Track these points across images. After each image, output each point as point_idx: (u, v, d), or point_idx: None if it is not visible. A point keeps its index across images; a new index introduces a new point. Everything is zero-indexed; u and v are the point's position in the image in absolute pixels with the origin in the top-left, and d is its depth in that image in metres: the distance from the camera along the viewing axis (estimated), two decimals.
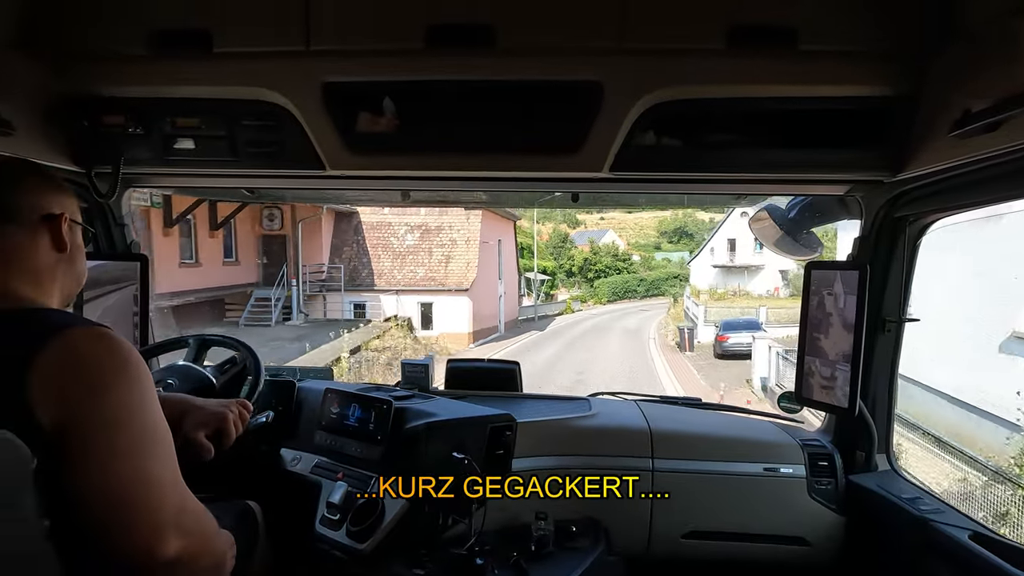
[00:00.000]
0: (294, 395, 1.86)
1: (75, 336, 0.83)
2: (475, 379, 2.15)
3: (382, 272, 22.38)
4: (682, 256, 53.96)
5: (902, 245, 1.64)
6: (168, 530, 0.81)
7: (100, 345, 0.84)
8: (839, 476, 1.78)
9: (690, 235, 57.96)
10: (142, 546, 0.80)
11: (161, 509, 0.82)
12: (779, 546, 1.79)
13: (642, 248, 58.37)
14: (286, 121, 1.35)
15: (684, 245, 57.45)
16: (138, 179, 1.67)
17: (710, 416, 2.15)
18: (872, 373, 1.73)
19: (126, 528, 0.80)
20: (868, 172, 1.39)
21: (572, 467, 1.80)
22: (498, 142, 1.38)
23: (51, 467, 0.78)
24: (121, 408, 0.83)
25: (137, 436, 0.84)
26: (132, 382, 0.85)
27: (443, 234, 22.77)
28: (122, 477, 0.81)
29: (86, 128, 1.39)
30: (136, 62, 1.32)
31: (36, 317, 0.86)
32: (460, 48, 1.26)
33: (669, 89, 1.27)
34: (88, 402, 0.81)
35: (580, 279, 50.72)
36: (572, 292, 47.38)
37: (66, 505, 0.79)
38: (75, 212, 1.02)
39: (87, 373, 0.81)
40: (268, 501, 1.53)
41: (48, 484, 0.77)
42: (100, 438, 0.81)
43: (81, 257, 1.04)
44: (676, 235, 60.15)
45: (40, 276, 0.95)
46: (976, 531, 1.40)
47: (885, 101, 1.26)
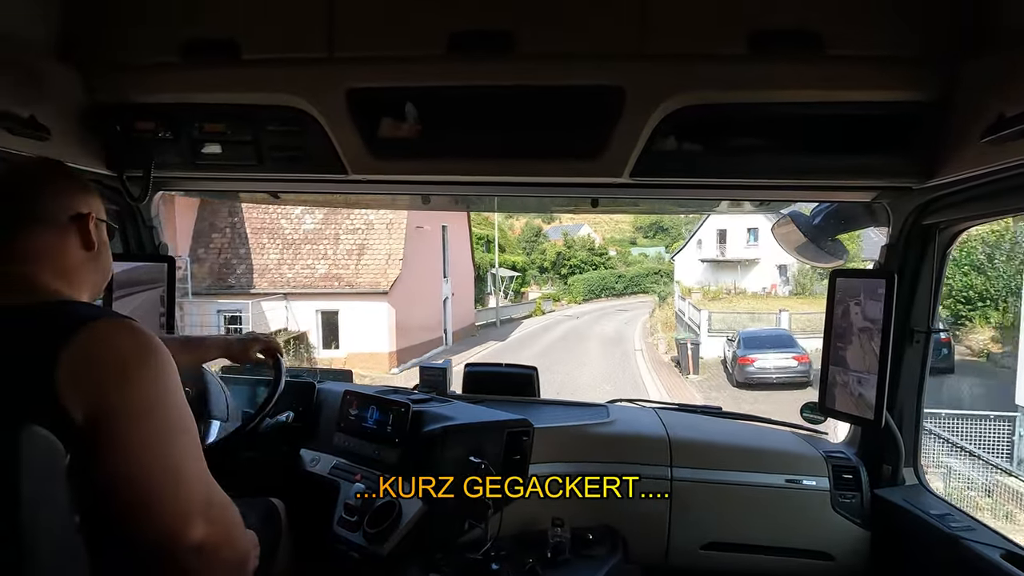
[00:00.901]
0: (314, 396, 1.88)
1: (101, 328, 0.84)
2: (493, 383, 2.16)
3: (267, 268, 16.09)
4: (659, 251, 49.10)
5: (931, 253, 1.59)
6: (193, 517, 0.83)
7: (125, 336, 0.86)
8: (864, 490, 1.73)
9: (665, 230, 53.02)
10: (167, 531, 0.82)
11: (186, 497, 0.84)
12: (802, 560, 1.75)
13: (617, 243, 52.66)
14: (310, 126, 1.37)
15: (660, 240, 51.88)
16: (167, 183, 1.72)
17: (730, 425, 2.11)
18: (900, 384, 1.69)
19: (152, 514, 0.82)
20: (896, 179, 1.36)
21: (589, 474, 1.78)
22: (518, 147, 1.38)
23: (82, 460, 0.79)
24: (146, 398, 0.85)
25: (162, 425, 0.86)
26: (158, 372, 0.87)
27: (355, 216, 16.38)
28: (148, 465, 0.83)
29: (119, 133, 1.43)
30: (167, 70, 1.36)
31: (64, 310, 0.89)
32: (481, 54, 1.27)
33: (690, 94, 1.26)
34: (115, 393, 0.82)
35: (553, 275, 45.62)
36: (545, 290, 42.77)
37: (94, 497, 0.81)
38: (100, 211, 1.04)
39: (113, 364, 0.83)
40: (288, 501, 1.55)
41: (79, 478, 0.79)
42: (127, 428, 0.83)
43: (107, 253, 1.06)
44: (651, 230, 54.81)
45: (69, 273, 0.97)
46: (1009, 550, 1.35)
47: (914, 106, 1.23)
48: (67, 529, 0.78)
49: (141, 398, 0.85)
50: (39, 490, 0.74)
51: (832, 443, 1.91)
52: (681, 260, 35.60)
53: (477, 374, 2.20)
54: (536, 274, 44.88)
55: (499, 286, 33.21)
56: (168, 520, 0.82)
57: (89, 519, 0.81)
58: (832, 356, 1.66)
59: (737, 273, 31.06)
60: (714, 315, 21.23)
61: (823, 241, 1.82)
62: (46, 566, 0.74)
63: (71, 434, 0.78)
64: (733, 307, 24.50)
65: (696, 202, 2.04)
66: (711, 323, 20.38)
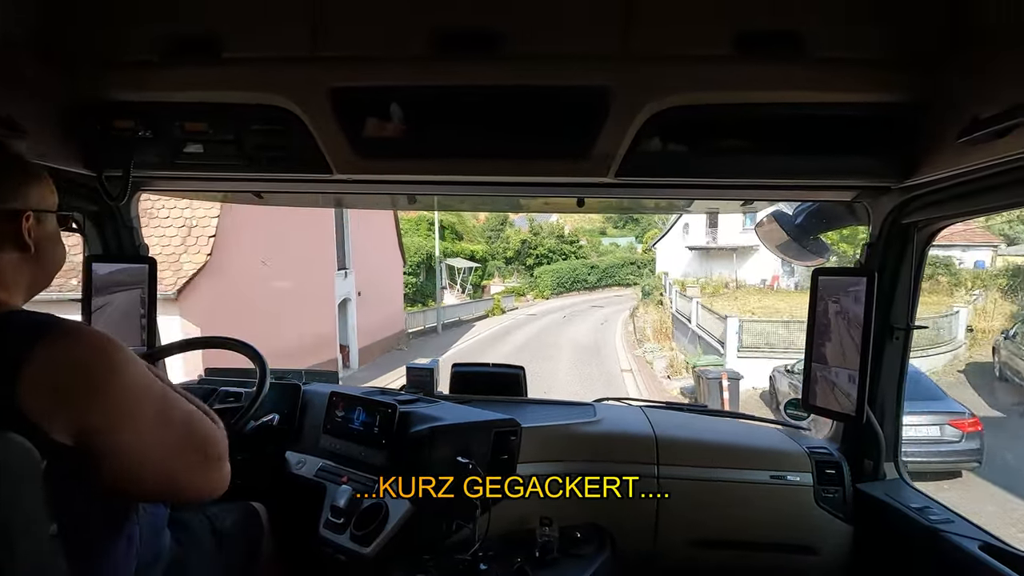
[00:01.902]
0: (299, 398, 1.86)
1: (56, 344, 0.80)
2: (480, 383, 2.15)
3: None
4: (630, 241, 45.09)
5: (910, 251, 1.62)
6: (213, 478, 0.96)
7: (84, 347, 0.83)
8: (847, 484, 1.76)
9: (636, 220, 47.36)
10: (197, 497, 0.96)
11: (201, 466, 0.95)
12: (787, 555, 1.77)
13: (587, 233, 47.61)
14: (294, 126, 1.36)
15: (630, 230, 47.67)
16: (148, 182, 1.69)
17: (716, 423, 2.14)
18: (880, 381, 1.72)
19: (177, 492, 0.94)
20: (876, 178, 1.39)
21: (577, 473, 1.79)
22: (505, 147, 1.38)
23: (66, 471, 0.78)
24: (125, 404, 0.85)
25: (150, 421, 0.88)
26: (125, 373, 0.86)
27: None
28: (153, 460, 0.88)
29: (97, 132, 1.40)
30: (147, 67, 1.33)
31: (9, 323, 0.83)
32: (467, 54, 1.26)
33: (676, 95, 1.27)
34: (95, 413, 0.81)
35: (518, 266, 40.05)
36: (509, 283, 37.32)
37: (75, 512, 0.81)
38: (44, 201, 0.95)
39: (80, 382, 0.81)
40: (273, 504, 1.54)
41: (59, 488, 0.78)
42: (117, 439, 0.83)
43: (54, 247, 0.98)
44: (622, 220, 50.37)
45: (3, 275, 0.89)
46: (987, 542, 1.38)
47: (893, 107, 1.25)
48: (41, 538, 0.76)
49: (120, 407, 0.84)
50: (11, 493, 0.72)
51: (815, 439, 1.94)
52: (664, 248, 30.48)
53: (464, 374, 2.19)
54: (501, 265, 39.54)
55: (456, 279, 29.79)
56: (195, 492, 0.95)
57: (71, 533, 0.80)
58: (815, 353, 1.68)
59: (732, 262, 25.78)
60: (748, 323, 14.38)
61: (805, 240, 1.84)
62: (18, 573, 0.73)
63: (50, 446, 0.76)
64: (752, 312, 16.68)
65: (681, 202, 2.06)
66: (741, 338, 13.86)
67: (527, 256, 40.18)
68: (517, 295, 34.66)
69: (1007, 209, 1.30)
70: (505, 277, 38.68)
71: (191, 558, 1.18)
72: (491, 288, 34.62)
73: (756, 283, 24.60)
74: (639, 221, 47.49)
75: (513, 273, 39.65)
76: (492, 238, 40.94)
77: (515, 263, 40.29)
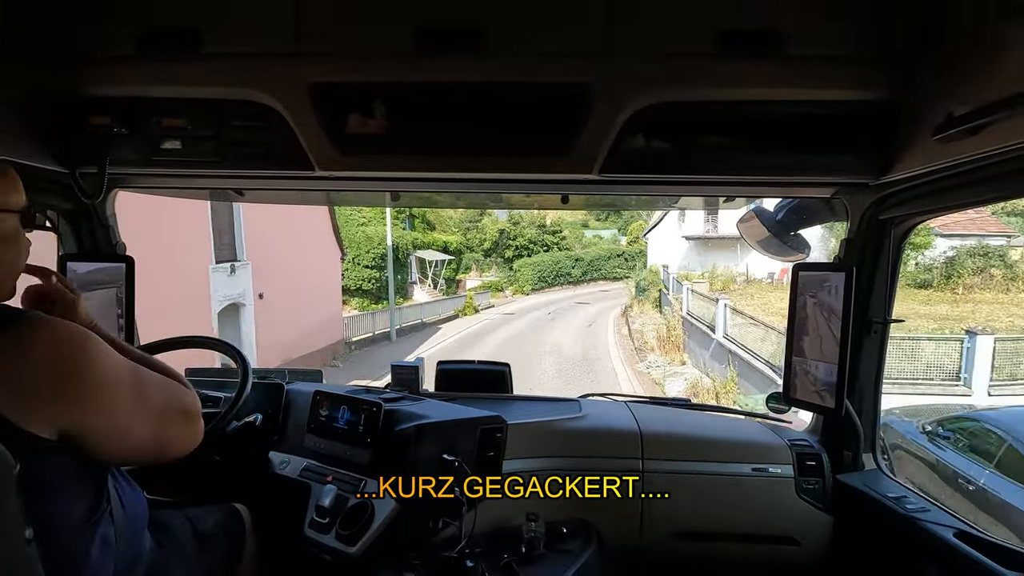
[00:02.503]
0: (283, 398, 1.84)
1: (22, 337, 0.78)
2: (466, 381, 2.15)
3: None
4: (613, 234, 43.22)
5: (887, 247, 1.66)
6: (193, 435, 1.02)
7: (52, 341, 0.81)
8: (827, 476, 1.80)
9: (619, 212, 45.46)
10: (180, 454, 1.01)
11: (179, 431, 1.00)
12: (769, 546, 1.80)
13: (569, 225, 45.38)
14: (275, 122, 1.34)
15: (612, 223, 45.93)
16: (124, 180, 1.66)
17: (700, 417, 2.16)
18: (859, 374, 1.75)
19: (161, 456, 0.99)
20: (853, 175, 1.41)
21: (562, 468, 1.80)
22: (488, 144, 1.38)
23: (45, 468, 0.77)
24: (108, 383, 0.86)
25: (128, 404, 0.89)
26: (99, 357, 0.85)
27: None
28: (137, 436, 0.91)
29: (71, 128, 1.37)
30: (123, 62, 1.30)
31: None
32: (449, 50, 1.26)
33: (658, 92, 1.28)
34: (72, 406, 0.80)
35: (496, 259, 36.97)
36: (486, 277, 34.63)
37: (50, 514, 0.80)
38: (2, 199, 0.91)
39: (58, 373, 0.80)
40: (257, 505, 1.52)
41: (34, 490, 0.76)
42: (98, 428, 0.84)
43: (14, 249, 0.94)
44: (604, 212, 47.59)
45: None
46: (960, 529, 1.42)
47: (870, 105, 1.27)
48: (17, 543, 0.75)
49: (99, 395, 0.84)
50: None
51: (796, 431, 1.98)
52: (657, 239, 27.65)
53: (450, 372, 2.19)
54: (480, 258, 36.83)
55: (428, 273, 27.20)
56: (176, 452, 1.00)
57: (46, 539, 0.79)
58: (795, 347, 1.71)
59: (736, 253, 22.86)
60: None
61: (786, 236, 1.87)
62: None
63: (30, 444, 0.75)
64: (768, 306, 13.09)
65: (664, 198, 2.08)
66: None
67: (506, 248, 36.97)
68: (495, 290, 32.04)
69: (980, 205, 1.33)
70: (483, 271, 36.16)
71: (172, 560, 1.16)
72: (467, 283, 31.83)
73: (763, 277, 21.53)
74: (621, 214, 45.40)
75: (492, 266, 36.83)
76: (469, 228, 38.14)
77: (494, 255, 37.07)
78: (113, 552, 0.95)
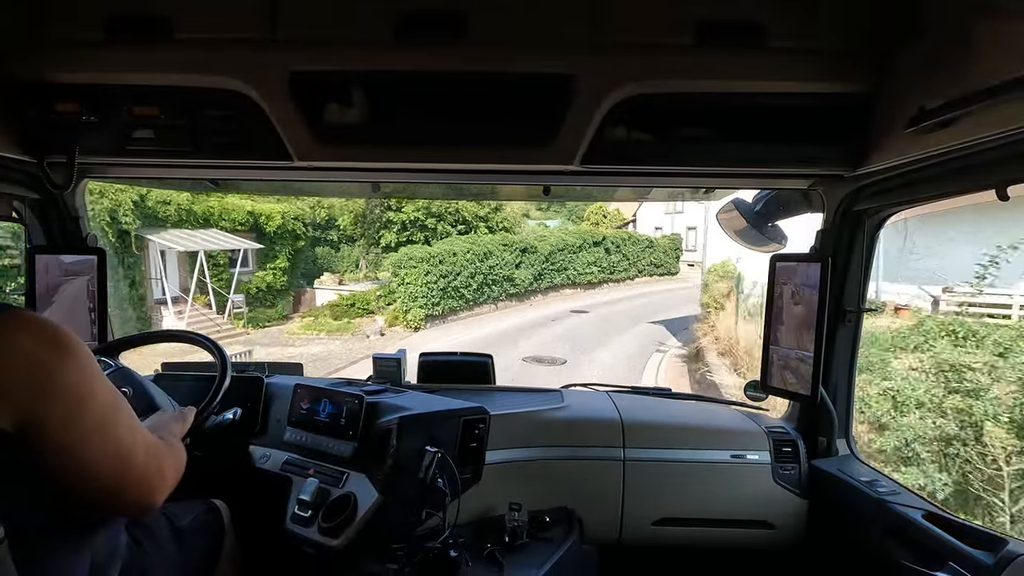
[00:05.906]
0: (262, 391, 1.82)
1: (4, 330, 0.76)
2: (448, 372, 2.15)
3: None
4: (562, 222, 31.82)
5: (861, 238, 1.69)
6: (156, 488, 0.93)
7: (33, 334, 0.79)
8: (802, 461, 1.84)
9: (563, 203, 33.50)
10: (137, 506, 0.92)
11: (143, 475, 0.91)
12: (746, 530, 1.84)
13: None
14: (251, 111, 1.31)
15: (555, 212, 36.55)
16: (94, 169, 1.61)
17: (680, 406, 2.19)
18: (833, 362, 1.80)
19: (119, 500, 0.89)
20: (829, 167, 1.43)
21: (545, 458, 1.81)
22: (469, 134, 1.37)
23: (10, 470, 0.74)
24: (74, 396, 0.81)
25: (99, 418, 0.84)
26: (76, 363, 0.82)
27: None
28: (98, 461, 0.84)
29: (38, 115, 1.32)
30: (92, 47, 1.26)
31: None
32: (430, 39, 1.24)
33: (639, 83, 1.28)
34: (42, 401, 0.77)
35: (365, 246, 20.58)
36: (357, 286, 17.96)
37: (23, 512, 0.77)
38: None
39: (29, 369, 0.77)
40: (237, 500, 1.50)
41: (5, 488, 0.74)
42: (64, 433, 0.79)
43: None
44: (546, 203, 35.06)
45: None
46: (929, 511, 1.47)
47: (846, 98, 1.30)
48: None
49: (69, 398, 0.80)
50: None
51: (773, 419, 2.02)
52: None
53: (432, 363, 2.18)
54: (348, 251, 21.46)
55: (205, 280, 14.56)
56: (134, 499, 0.91)
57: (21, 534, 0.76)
58: (772, 337, 1.74)
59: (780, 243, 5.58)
60: None
61: (764, 227, 1.90)
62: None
63: None
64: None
65: (644, 189, 2.09)
66: None
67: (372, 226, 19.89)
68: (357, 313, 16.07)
69: (951, 196, 1.36)
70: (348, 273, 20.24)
71: (149, 558, 1.15)
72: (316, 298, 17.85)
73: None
74: (565, 204, 35.70)
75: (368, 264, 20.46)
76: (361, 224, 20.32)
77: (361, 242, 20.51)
78: (89, 550, 0.93)
